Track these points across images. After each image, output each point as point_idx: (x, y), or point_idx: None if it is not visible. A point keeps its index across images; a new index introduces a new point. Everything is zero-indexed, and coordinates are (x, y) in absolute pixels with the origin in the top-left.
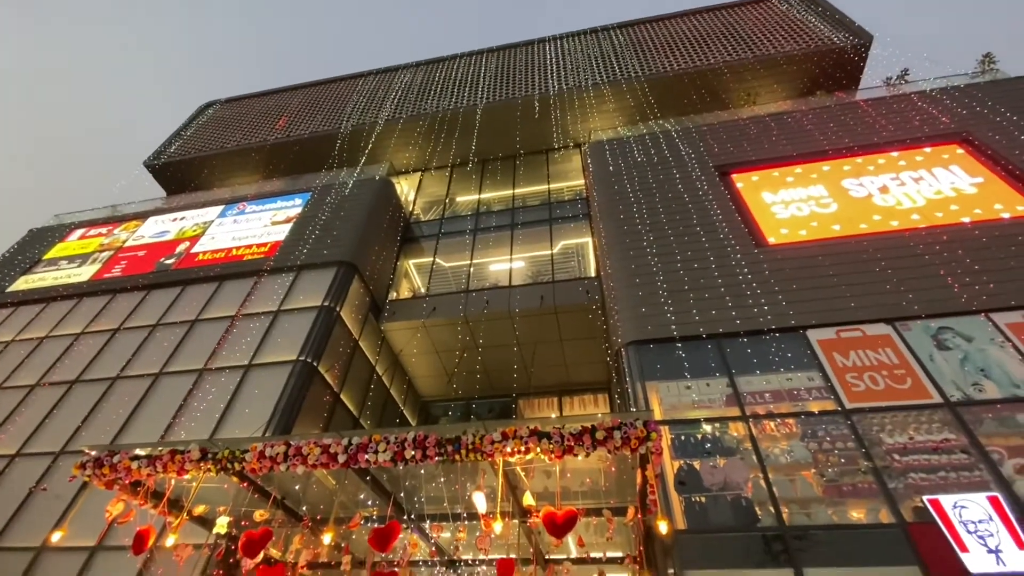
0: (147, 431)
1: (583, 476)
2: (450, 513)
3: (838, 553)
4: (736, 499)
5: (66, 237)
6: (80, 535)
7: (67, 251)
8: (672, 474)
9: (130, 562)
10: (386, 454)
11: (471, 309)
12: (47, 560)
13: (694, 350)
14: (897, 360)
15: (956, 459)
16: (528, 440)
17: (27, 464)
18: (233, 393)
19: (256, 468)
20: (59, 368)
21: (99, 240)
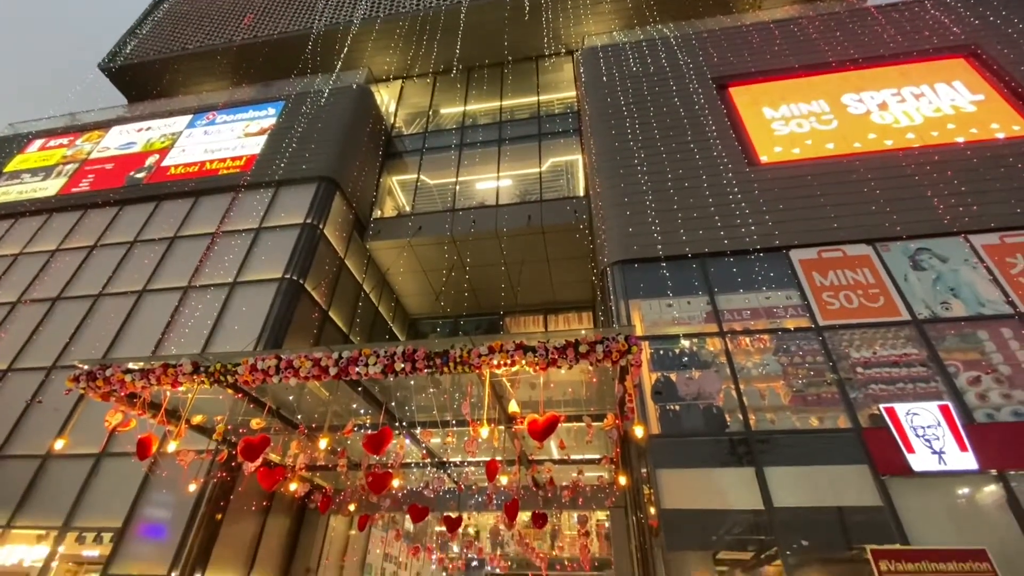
0: (137, 346)
1: (565, 387)
2: (439, 420)
3: (796, 454)
4: (708, 408)
5: (25, 148)
6: (84, 443)
7: (28, 163)
8: (649, 385)
9: (136, 467)
10: (376, 367)
11: (458, 228)
12: (54, 467)
13: (678, 270)
14: (873, 280)
15: (915, 372)
16: (514, 353)
17: (20, 379)
18: (220, 310)
19: (249, 380)
20: (38, 285)
21: (61, 152)
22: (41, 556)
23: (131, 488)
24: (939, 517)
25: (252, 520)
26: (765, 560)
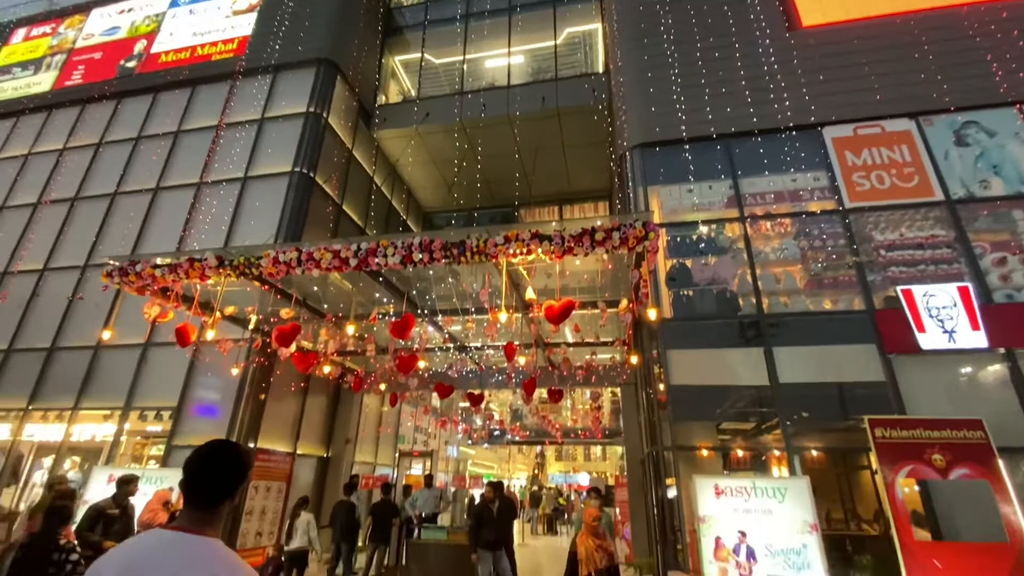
0: (161, 243)
1: (581, 275)
2: (459, 308)
3: (806, 335)
4: (721, 292)
5: (9, 39)
6: (129, 334)
7: (16, 56)
8: (664, 271)
9: (181, 354)
10: (395, 258)
11: (467, 113)
12: (106, 356)
13: (701, 152)
14: (910, 158)
15: (939, 254)
16: (530, 242)
17: (58, 277)
18: (235, 206)
19: (273, 273)
20: (54, 186)
21: (47, 41)
22: (110, 432)
23: (180, 373)
24: (939, 392)
25: (293, 399)
26: (765, 430)
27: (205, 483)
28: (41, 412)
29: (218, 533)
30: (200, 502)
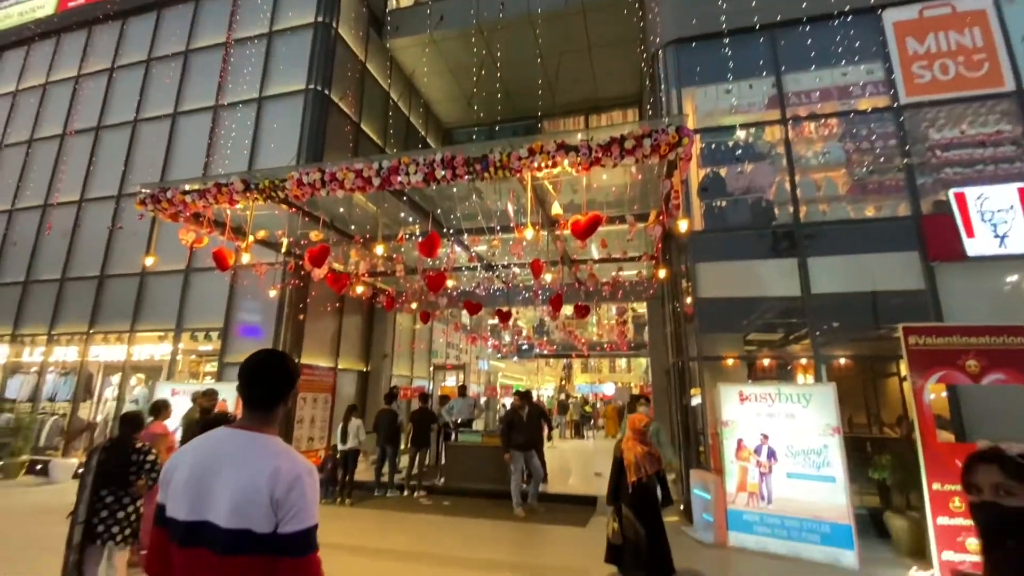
0: (187, 169)
1: (608, 189)
2: (485, 227)
3: (843, 244)
4: (756, 202)
5: None
6: (171, 261)
7: None
8: (696, 181)
9: (221, 278)
10: (417, 175)
11: (484, 15)
12: (153, 282)
13: (742, 46)
14: (982, 42)
15: (1000, 152)
16: (555, 154)
17: (95, 208)
18: (254, 128)
19: (298, 195)
20: (76, 116)
21: None
22: (167, 352)
23: (223, 296)
24: (980, 300)
25: (330, 319)
26: (793, 340)
27: (260, 387)
28: (102, 335)
29: (276, 432)
30: (257, 404)
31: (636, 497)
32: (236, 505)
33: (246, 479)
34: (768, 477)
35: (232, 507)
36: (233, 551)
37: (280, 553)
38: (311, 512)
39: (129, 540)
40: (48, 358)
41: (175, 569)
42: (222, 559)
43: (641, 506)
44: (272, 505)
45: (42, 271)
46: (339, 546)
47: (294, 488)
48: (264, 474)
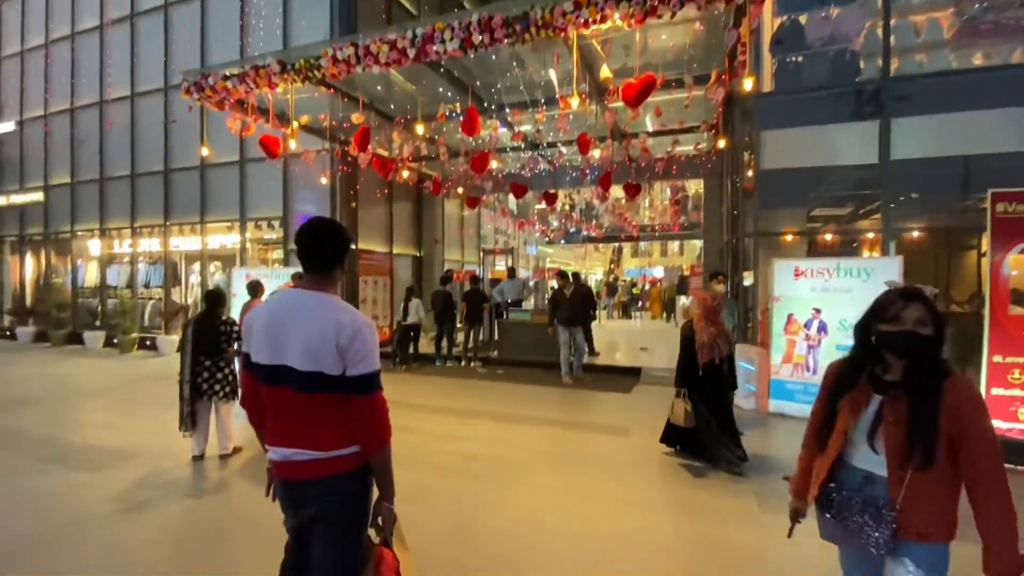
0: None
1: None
2: (528, 100)
3: (937, 100)
4: (839, 54)
5: None
6: (225, 153)
7: None
8: (769, 33)
9: (276, 169)
10: (453, 43)
11: None
12: (213, 175)
13: None
14: None
15: None
16: (604, 6)
17: (146, 103)
18: (283, 5)
19: (335, 73)
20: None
21: None
22: (236, 241)
23: (278, 186)
24: None
25: (381, 206)
26: (863, 215)
27: (316, 250)
28: (177, 226)
29: (336, 292)
30: (315, 267)
31: (708, 380)
32: (308, 351)
33: (314, 330)
34: (816, 349)
35: (304, 353)
36: (310, 389)
37: (350, 391)
38: (373, 358)
39: (230, 396)
40: (136, 249)
41: (266, 404)
42: (302, 395)
43: (712, 389)
44: (339, 352)
45: (113, 168)
46: (404, 403)
47: (356, 338)
48: (329, 326)
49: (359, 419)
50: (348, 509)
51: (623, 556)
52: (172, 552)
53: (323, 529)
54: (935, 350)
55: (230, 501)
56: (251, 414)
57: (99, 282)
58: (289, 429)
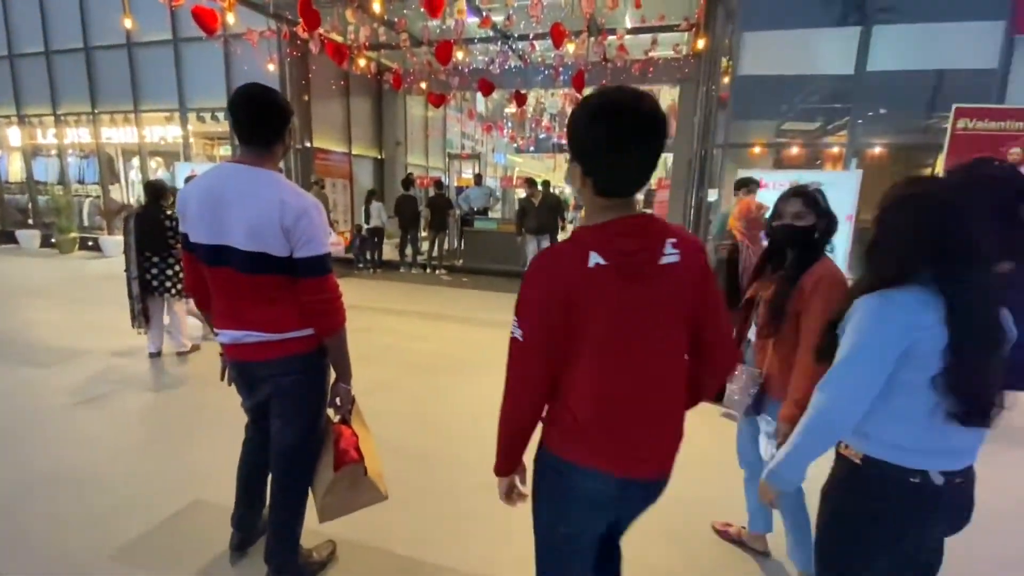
0: None
1: None
2: None
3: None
4: None
5: None
6: (155, 30)
7: None
8: None
9: (215, 52)
10: None
11: None
12: (143, 55)
13: None
14: None
15: None
16: None
17: None
18: None
19: None
20: None
21: None
22: (178, 134)
23: (219, 71)
24: None
25: (337, 102)
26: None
27: (251, 119)
28: (108, 115)
29: (277, 169)
30: (253, 140)
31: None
32: (250, 230)
33: (255, 209)
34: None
35: (247, 232)
36: (254, 270)
37: (299, 274)
38: (321, 240)
39: (183, 293)
40: (62, 140)
41: (210, 286)
42: (247, 277)
43: None
44: (284, 232)
45: (23, 43)
46: (368, 307)
47: (301, 218)
48: (272, 204)
49: (310, 302)
50: (303, 388)
51: None
52: (137, 439)
53: (279, 406)
54: (808, 238)
55: (191, 393)
56: (196, 297)
57: (25, 177)
58: (236, 311)
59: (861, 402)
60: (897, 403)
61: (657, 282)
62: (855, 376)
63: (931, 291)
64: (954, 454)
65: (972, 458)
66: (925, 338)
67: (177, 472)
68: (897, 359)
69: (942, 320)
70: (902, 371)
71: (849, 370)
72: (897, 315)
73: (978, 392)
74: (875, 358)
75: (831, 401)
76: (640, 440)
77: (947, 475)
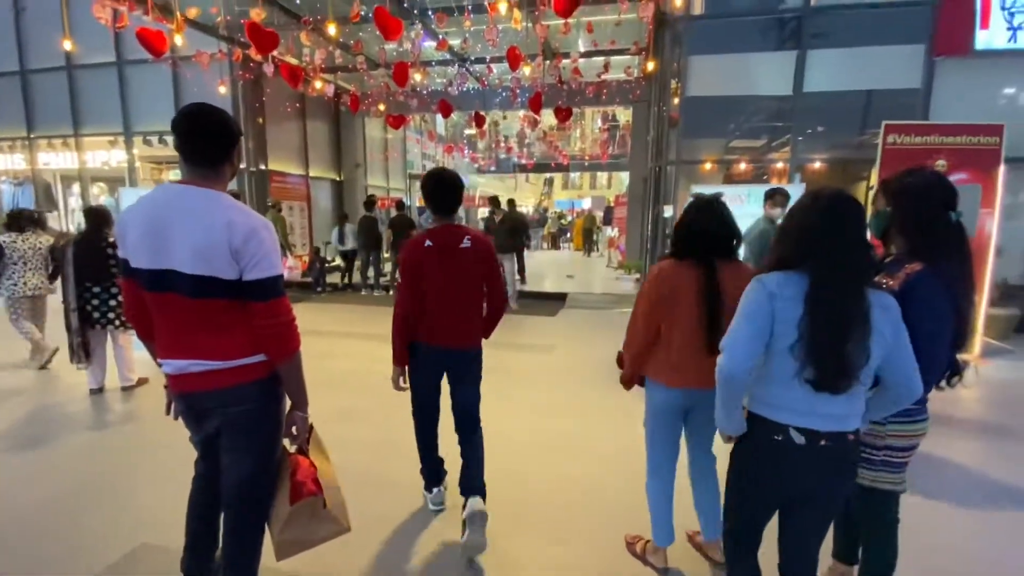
0: None
1: None
2: (454, 5)
3: (849, 35)
4: None
5: None
6: (97, 51)
7: None
8: None
9: (164, 74)
10: None
11: None
12: (85, 78)
13: None
14: None
15: None
16: None
17: None
18: None
19: None
20: None
21: None
22: (123, 158)
23: (168, 94)
24: (972, 101)
25: (293, 123)
26: (775, 147)
27: (198, 139)
28: (46, 140)
29: (223, 191)
30: (199, 160)
31: None
32: (197, 253)
33: (202, 229)
34: None
35: (193, 255)
36: (201, 294)
37: (249, 298)
38: (272, 261)
39: (127, 324)
40: None
41: (153, 314)
42: (193, 301)
43: None
44: (232, 254)
45: None
46: (329, 332)
47: (251, 239)
48: (219, 225)
49: (262, 327)
50: (255, 418)
51: (548, 454)
52: (77, 482)
53: (229, 439)
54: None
55: (138, 431)
56: (138, 326)
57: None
58: (181, 339)
59: (743, 355)
60: (771, 367)
61: (459, 256)
62: (735, 334)
63: (802, 273)
64: (820, 416)
65: (844, 425)
66: (785, 308)
67: (122, 515)
68: (769, 325)
69: (801, 295)
70: (773, 340)
71: (732, 330)
72: (767, 286)
73: (824, 362)
74: (749, 319)
75: (724, 355)
76: (450, 329)
77: (810, 433)
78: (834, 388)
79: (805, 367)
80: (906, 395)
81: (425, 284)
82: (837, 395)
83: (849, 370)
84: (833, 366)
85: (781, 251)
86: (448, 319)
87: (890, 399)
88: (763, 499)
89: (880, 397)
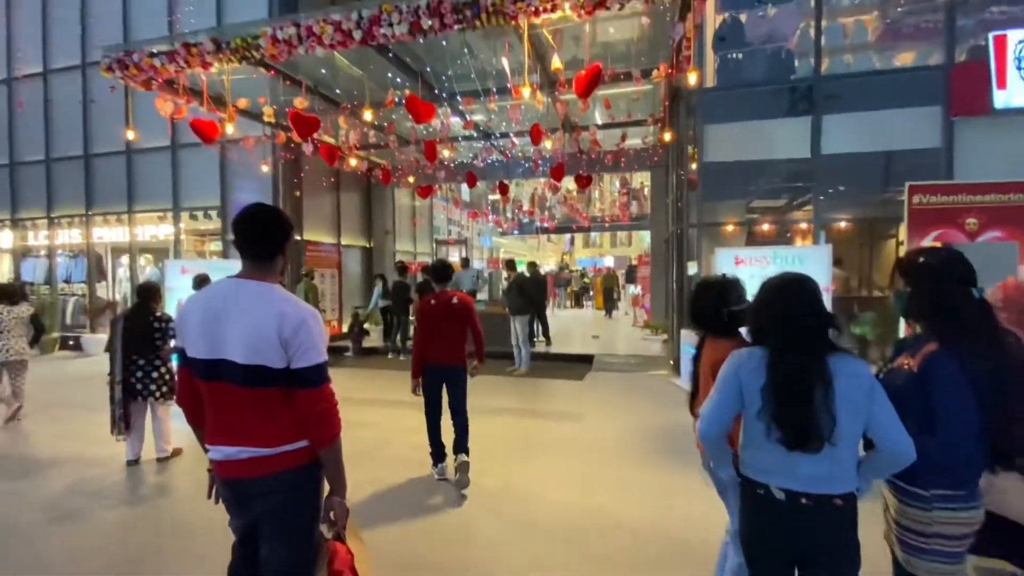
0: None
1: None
2: (479, 88)
3: (862, 99)
4: (776, 52)
5: None
6: (154, 137)
7: None
8: (712, 29)
9: (212, 155)
10: (401, 26)
11: None
12: (141, 161)
13: None
14: None
15: None
16: None
17: (62, 80)
18: None
19: (275, 54)
20: None
21: None
22: (169, 232)
23: (215, 174)
24: (997, 159)
25: (328, 195)
26: (796, 206)
27: (255, 237)
28: (101, 216)
29: (277, 281)
30: (255, 255)
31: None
32: (249, 344)
33: (255, 321)
34: None
35: (245, 346)
36: (252, 383)
37: (296, 385)
38: (319, 349)
39: (167, 396)
40: (53, 241)
41: (205, 400)
42: (244, 390)
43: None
44: (282, 344)
45: (24, 152)
46: (359, 399)
47: (300, 329)
48: (271, 317)
49: (306, 413)
50: (296, 505)
51: (584, 537)
52: (108, 562)
53: (270, 527)
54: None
55: (171, 506)
56: (188, 413)
57: (13, 278)
58: (231, 426)
59: (715, 419)
60: (749, 432)
61: (450, 309)
62: (708, 401)
63: (765, 347)
64: (799, 478)
65: (828, 488)
66: (750, 378)
67: None
68: (737, 394)
69: (763, 366)
70: (745, 407)
71: (708, 399)
72: (736, 359)
73: (784, 422)
74: (718, 389)
75: (701, 420)
76: (443, 352)
77: (790, 493)
78: (803, 448)
79: (771, 429)
80: (893, 459)
81: (430, 325)
82: (813, 455)
83: (812, 432)
84: (793, 427)
85: (749, 328)
86: (442, 346)
87: (882, 461)
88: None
89: (871, 459)
